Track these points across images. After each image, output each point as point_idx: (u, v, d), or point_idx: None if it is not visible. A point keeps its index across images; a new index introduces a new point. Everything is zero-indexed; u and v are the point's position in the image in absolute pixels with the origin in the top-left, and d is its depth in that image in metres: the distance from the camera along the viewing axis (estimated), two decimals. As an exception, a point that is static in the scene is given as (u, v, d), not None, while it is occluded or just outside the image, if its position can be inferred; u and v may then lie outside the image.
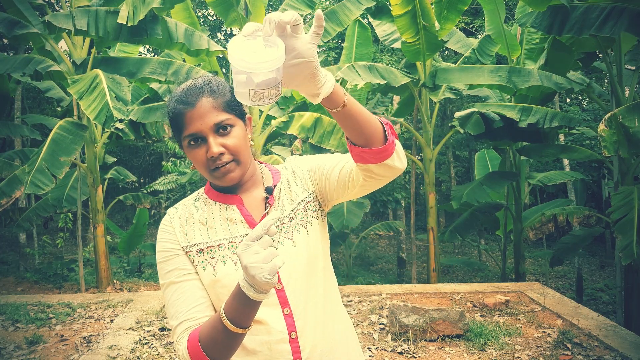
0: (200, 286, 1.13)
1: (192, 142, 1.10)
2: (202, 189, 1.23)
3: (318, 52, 0.91)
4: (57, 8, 11.36)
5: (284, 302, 1.11)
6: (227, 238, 1.14)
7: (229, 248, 1.13)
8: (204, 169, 1.11)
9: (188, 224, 1.17)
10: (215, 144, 1.07)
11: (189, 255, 1.14)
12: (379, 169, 1.04)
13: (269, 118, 8.12)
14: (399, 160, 1.05)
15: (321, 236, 1.20)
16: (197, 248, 1.14)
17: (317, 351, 1.13)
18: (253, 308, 0.96)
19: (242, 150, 1.11)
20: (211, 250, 1.13)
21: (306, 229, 1.17)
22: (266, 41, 0.84)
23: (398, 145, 1.05)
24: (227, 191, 1.18)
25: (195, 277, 1.13)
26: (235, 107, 1.13)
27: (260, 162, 1.27)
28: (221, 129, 1.09)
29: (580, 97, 13.50)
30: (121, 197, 9.12)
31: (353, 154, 1.04)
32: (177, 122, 1.12)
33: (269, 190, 1.16)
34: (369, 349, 3.89)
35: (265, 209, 1.16)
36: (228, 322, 0.96)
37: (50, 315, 4.84)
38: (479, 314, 4.74)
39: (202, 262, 1.13)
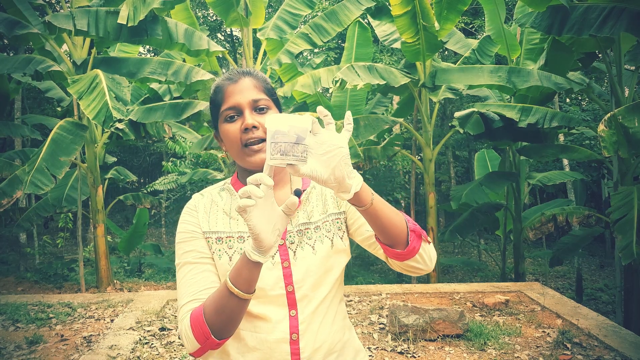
0: (214, 271, 1.15)
1: (228, 118, 1.14)
2: (228, 180, 1.25)
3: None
4: (58, 8, 11.37)
5: (292, 304, 1.13)
6: (247, 231, 1.15)
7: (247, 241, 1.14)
8: (236, 145, 1.13)
9: (212, 211, 1.19)
10: (251, 117, 1.12)
11: (208, 241, 1.16)
12: (402, 265, 1.09)
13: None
14: (423, 263, 1.09)
15: (344, 253, 1.21)
16: (217, 236, 1.16)
17: (318, 356, 1.14)
18: (252, 270, 0.97)
19: None
20: (230, 241, 1.15)
21: (331, 240, 1.18)
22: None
23: (425, 249, 1.08)
24: None
25: (211, 262, 1.15)
26: (273, 94, 1.18)
27: None
28: (258, 109, 1.14)
29: (580, 97, 13.50)
30: (121, 197, 9.12)
31: (380, 245, 1.10)
32: (218, 97, 1.16)
33: (298, 193, 1.17)
34: (369, 348, 3.89)
35: None
36: (230, 283, 0.98)
37: (51, 315, 4.84)
38: (478, 314, 4.75)
39: (220, 250, 1.15)
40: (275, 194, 1.19)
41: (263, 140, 1.11)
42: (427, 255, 1.09)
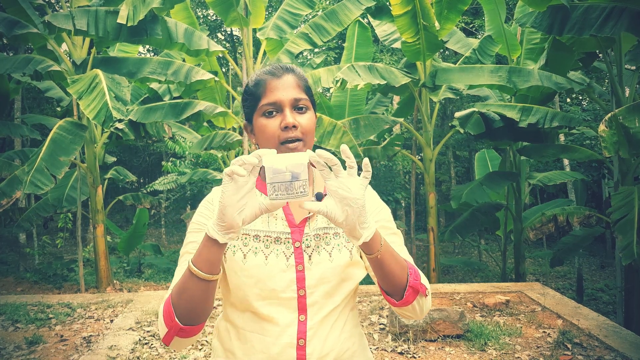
0: None
1: (267, 113, 1.12)
2: None
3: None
4: (57, 8, 11.36)
5: (302, 308, 1.11)
6: (264, 231, 1.14)
7: (263, 241, 1.13)
8: (272, 141, 1.11)
9: None
10: (291, 116, 1.11)
11: None
12: (394, 308, 1.15)
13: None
14: (413, 313, 1.13)
15: (362, 265, 1.20)
16: None
17: None
18: (211, 250, 0.96)
19: (311, 135, 1.14)
20: (245, 239, 1.14)
21: (350, 252, 1.16)
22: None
23: (420, 302, 1.11)
24: None
25: None
26: (311, 94, 1.17)
27: (314, 166, 1.27)
28: (298, 108, 1.13)
29: (580, 97, 13.49)
30: (121, 197, 9.11)
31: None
32: (257, 90, 1.15)
33: (319, 197, 1.16)
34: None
35: (309, 212, 1.16)
36: (191, 263, 0.98)
37: (50, 316, 4.83)
38: (479, 314, 4.74)
39: (234, 246, 1.14)
40: None
41: (300, 139, 1.11)
42: (419, 308, 1.12)
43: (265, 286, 1.10)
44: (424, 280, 1.14)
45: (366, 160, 0.97)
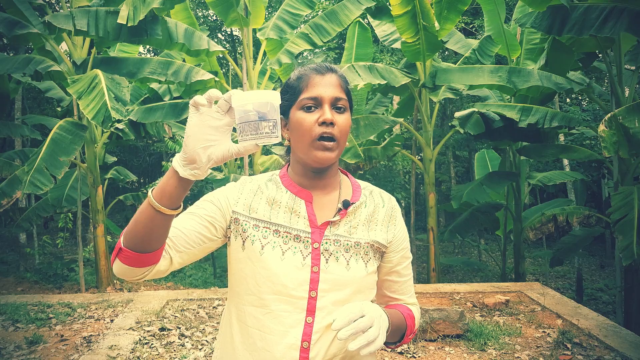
0: (202, 223, 1.13)
1: (305, 107, 1.12)
2: (276, 172, 1.24)
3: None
4: (57, 8, 11.37)
5: (310, 310, 1.11)
6: (285, 226, 1.14)
7: (282, 237, 1.13)
8: (307, 135, 1.11)
9: (256, 195, 1.18)
10: (330, 113, 1.11)
11: (244, 224, 1.15)
12: None
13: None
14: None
15: (375, 282, 1.21)
16: (255, 223, 1.15)
17: None
18: (170, 180, 0.97)
19: (345, 136, 1.14)
20: (266, 231, 1.14)
21: (365, 264, 1.16)
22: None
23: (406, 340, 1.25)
24: (302, 185, 1.19)
25: (204, 221, 1.13)
26: (351, 99, 1.18)
27: (342, 171, 1.27)
28: (336, 107, 1.13)
29: (580, 97, 13.49)
30: (121, 197, 9.11)
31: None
32: (299, 84, 1.15)
33: (346, 204, 1.17)
34: (368, 349, 3.88)
35: (333, 217, 1.16)
36: (150, 191, 0.99)
37: (50, 315, 4.83)
38: (478, 314, 4.74)
39: (254, 235, 1.14)
40: (322, 196, 1.19)
41: (335, 140, 1.11)
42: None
43: (278, 281, 1.10)
44: (416, 322, 1.25)
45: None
